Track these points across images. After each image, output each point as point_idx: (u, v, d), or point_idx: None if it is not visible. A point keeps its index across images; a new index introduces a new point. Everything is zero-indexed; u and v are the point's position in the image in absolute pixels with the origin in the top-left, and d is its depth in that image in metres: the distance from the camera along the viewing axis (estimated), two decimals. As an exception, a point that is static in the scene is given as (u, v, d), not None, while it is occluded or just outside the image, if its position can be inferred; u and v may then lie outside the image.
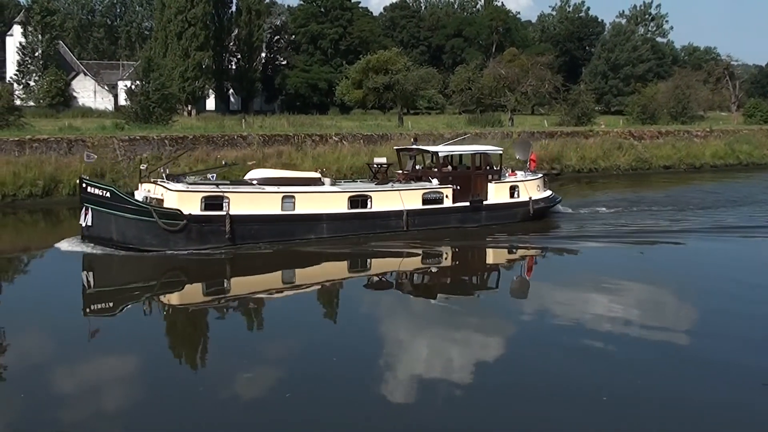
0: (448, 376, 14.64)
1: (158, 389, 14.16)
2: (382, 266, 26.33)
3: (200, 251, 25.33)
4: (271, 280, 23.82)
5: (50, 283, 22.94)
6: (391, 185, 30.09)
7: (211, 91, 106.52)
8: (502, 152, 34.07)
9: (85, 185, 25.19)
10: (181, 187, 25.94)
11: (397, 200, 29.28)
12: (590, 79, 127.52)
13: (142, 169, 28.59)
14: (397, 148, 34.92)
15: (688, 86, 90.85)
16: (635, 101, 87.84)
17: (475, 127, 63.19)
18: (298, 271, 24.92)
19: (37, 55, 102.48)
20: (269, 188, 27.25)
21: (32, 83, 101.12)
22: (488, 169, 32.36)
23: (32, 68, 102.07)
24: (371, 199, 28.88)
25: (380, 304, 21.30)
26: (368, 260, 26.66)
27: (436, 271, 26.04)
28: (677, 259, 27.17)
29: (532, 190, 32.94)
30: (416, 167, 32.49)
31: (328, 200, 28.14)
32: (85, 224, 25.12)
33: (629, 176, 54.98)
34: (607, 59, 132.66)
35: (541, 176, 34.56)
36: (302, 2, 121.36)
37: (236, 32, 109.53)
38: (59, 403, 13.30)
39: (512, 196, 32.41)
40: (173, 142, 42.19)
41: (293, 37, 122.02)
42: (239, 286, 23.31)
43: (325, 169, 34.69)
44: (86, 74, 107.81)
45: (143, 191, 26.96)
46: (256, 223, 26.43)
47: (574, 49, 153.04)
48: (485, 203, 31.59)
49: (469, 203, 31.09)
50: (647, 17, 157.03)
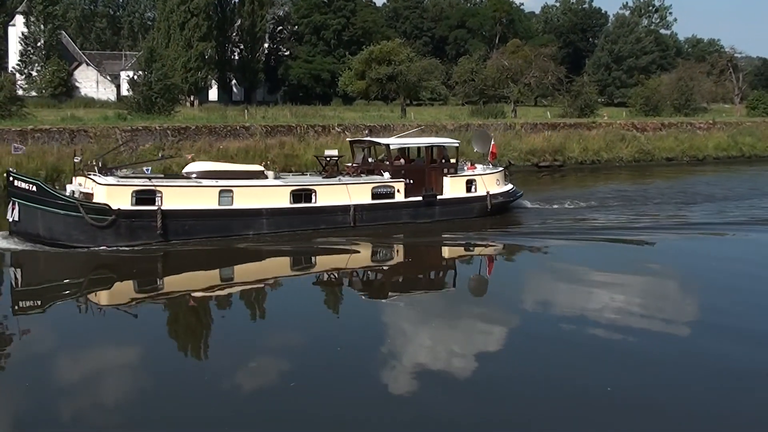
0: (396, 378, 14.11)
1: (88, 387, 13.87)
2: (327, 264, 24.98)
3: (130, 247, 24.19)
4: (207, 277, 22.81)
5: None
6: (338, 179, 28.75)
7: (213, 81, 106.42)
8: (458, 145, 32.85)
9: (11, 179, 24.02)
10: (110, 180, 24.77)
11: (344, 194, 28.03)
12: (593, 70, 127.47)
13: (75, 161, 26.78)
14: (349, 140, 33.92)
15: (691, 78, 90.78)
16: (638, 93, 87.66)
17: (478, 118, 63.16)
18: (237, 268, 23.88)
19: (39, 45, 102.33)
20: (206, 182, 26.09)
21: (35, 73, 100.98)
22: (444, 162, 31.05)
23: (35, 58, 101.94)
24: (316, 193, 27.60)
25: (326, 302, 20.58)
26: (312, 258, 25.58)
27: (387, 269, 24.87)
28: (633, 257, 25.65)
29: (490, 184, 31.55)
30: (369, 160, 31.22)
31: (268, 194, 26.91)
32: (12, 219, 24.02)
33: (632, 168, 54.94)
34: (610, 51, 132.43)
35: (501, 170, 33.16)
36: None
37: (239, 23, 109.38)
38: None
39: (469, 190, 31.07)
40: (175, 132, 42.23)
41: (296, 27, 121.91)
42: (173, 284, 22.15)
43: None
44: (89, 64, 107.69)
45: (75, 185, 25.82)
46: (190, 218, 25.29)
47: (577, 40, 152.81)
48: (439, 198, 30.29)
49: (422, 198, 29.82)
50: (651, 9, 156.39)
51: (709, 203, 36.72)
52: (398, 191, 29.24)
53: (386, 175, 29.45)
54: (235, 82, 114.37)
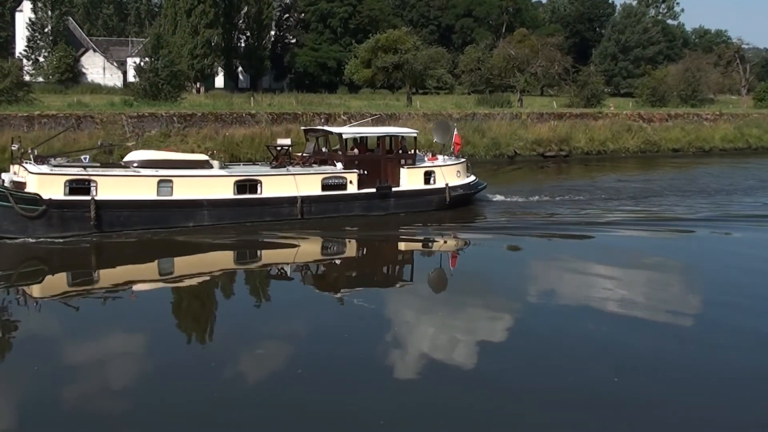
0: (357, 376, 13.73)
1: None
2: (273, 257, 24.28)
3: (63, 239, 23.42)
4: (143, 270, 21.96)
5: None
6: (287, 169, 27.69)
7: (220, 68, 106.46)
8: (417, 135, 31.76)
9: None
10: (43, 169, 23.95)
11: (291, 185, 26.99)
12: (600, 60, 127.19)
13: (13, 149, 25.74)
14: (304, 128, 33.03)
15: (698, 69, 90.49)
16: (645, 83, 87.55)
17: (484, 107, 63.06)
18: (176, 261, 23.09)
19: (46, 31, 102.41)
20: (144, 171, 25.13)
21: (41, 59, 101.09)
22: (401, 153, 30.02)
23: (42, 44, 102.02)
24: (261, 183, 26.63)
25: (271, 297, 19.95)
26: (259, 252, 24.85)
27: (338, 263, 24.06)
28: (586, 253, 24.85)
29: (450, 176, 30.42)
30: (324, 150, 29.99)
31: (210, 185, 25.90)
32: None
33: (638, 159, 54.92)
34: (617, 41, 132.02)
35: (463, 161, 32.09)
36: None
37: (246, 10, 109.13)
38: None
39: (428, 182, 29.97)
40: (181, 119, 42.30)
41: (303, 15, 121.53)
42: (108, 276, 21.39)
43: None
44: (95, 50, 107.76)
45: (11, 174, 25.18)
46: (126, 208, 24.44)
47: (584, 30, 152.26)
48: (395, 190, 29.18)
49: (376, 189, 28.72)
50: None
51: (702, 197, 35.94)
52: (350, 182, 28.19)
53: (339, 165, 28.44)
54: (241, 69, 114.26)
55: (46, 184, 23.63)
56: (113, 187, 24.35)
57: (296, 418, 12.06)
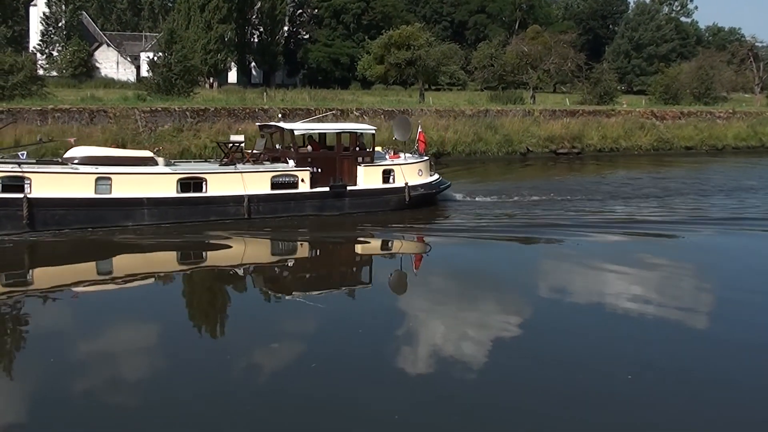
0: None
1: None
2: (216, 259, 22.91)
3: None
4: (79, 271, 21.01)
5: None
6: (235, 167, 26.57)
7: (233, 63, 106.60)
8: (375, 132, 30.35)
9: None
10: None
11: (238, 184, 25.98)
12: (613, 57, 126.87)
13: None
14: (258, 124, 32.19)
15: (711, 67, 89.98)
16: (658, 81, 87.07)
17: (496, 104, 62.98)
18: (114, 261, 21.97)
19: (60, 25, 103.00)
20: (82, 168, 24.11)
21: (55, 53, 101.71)
22: (358, 150, 28.76)
23: (55, 38, 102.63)
24: (206, 182, 25.52)
25: (214, 299, 19.27)
26: (204, 252, 23.56)
27: (291, 264, 23.00)
28: (544, 259, 23.67)
29: (410, 174, 29.20)
30: (277, 147, 28.94)
31: (151, 183, 24.79)
32: None
33: (650, 156, 54.79)
34: (630, 38, 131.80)
35: (425, 159, 30.61)
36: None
37: (259, 5, 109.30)
38: None
39: (387, 181, 28.81)
40: (194, 114, 42.49)
41: (316, 11, 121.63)
42: (43, 277, 20.58)
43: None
44: (109, 45, 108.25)
45: None
46: (61, 207, 23.43)
47: (597, 27, 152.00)
48: (350, 189, 27.94)
49: (329, 188, 27.58)
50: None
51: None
52: (302, 181, 27.06)
53: (291, 163, 27.39)
54: (254, 64, 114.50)
55: None
56: (48, 184, 23.49)
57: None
